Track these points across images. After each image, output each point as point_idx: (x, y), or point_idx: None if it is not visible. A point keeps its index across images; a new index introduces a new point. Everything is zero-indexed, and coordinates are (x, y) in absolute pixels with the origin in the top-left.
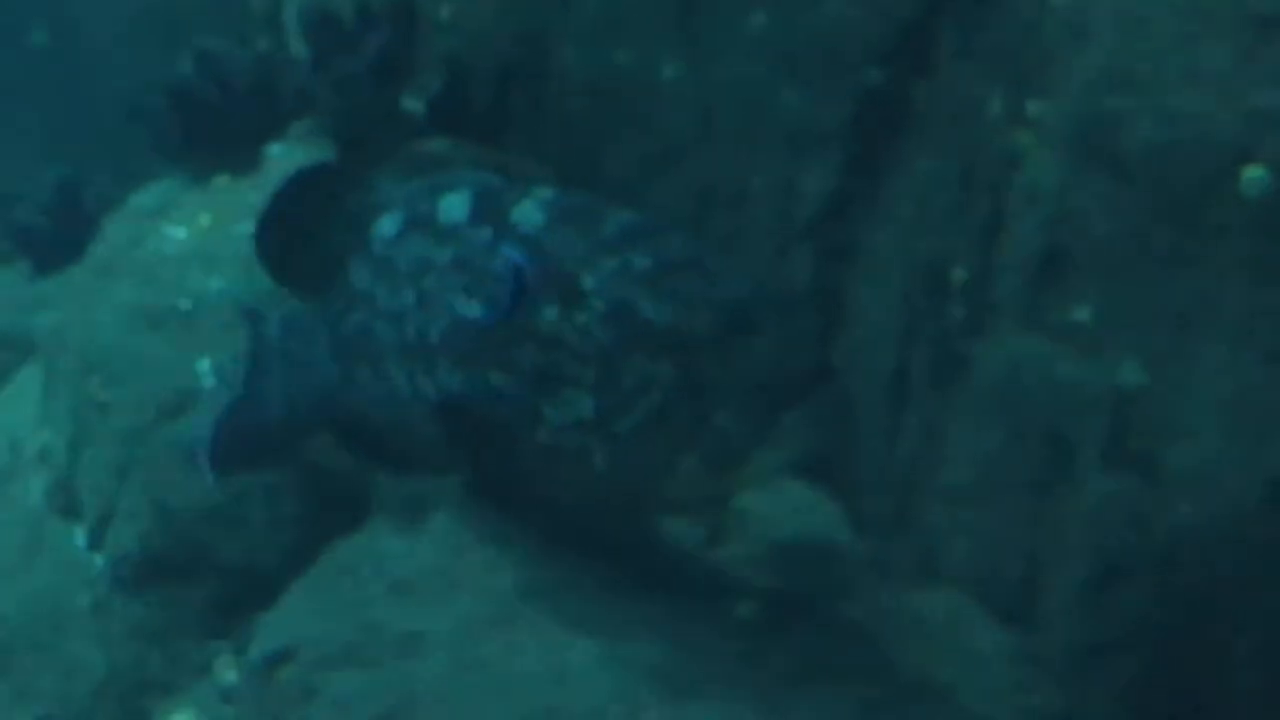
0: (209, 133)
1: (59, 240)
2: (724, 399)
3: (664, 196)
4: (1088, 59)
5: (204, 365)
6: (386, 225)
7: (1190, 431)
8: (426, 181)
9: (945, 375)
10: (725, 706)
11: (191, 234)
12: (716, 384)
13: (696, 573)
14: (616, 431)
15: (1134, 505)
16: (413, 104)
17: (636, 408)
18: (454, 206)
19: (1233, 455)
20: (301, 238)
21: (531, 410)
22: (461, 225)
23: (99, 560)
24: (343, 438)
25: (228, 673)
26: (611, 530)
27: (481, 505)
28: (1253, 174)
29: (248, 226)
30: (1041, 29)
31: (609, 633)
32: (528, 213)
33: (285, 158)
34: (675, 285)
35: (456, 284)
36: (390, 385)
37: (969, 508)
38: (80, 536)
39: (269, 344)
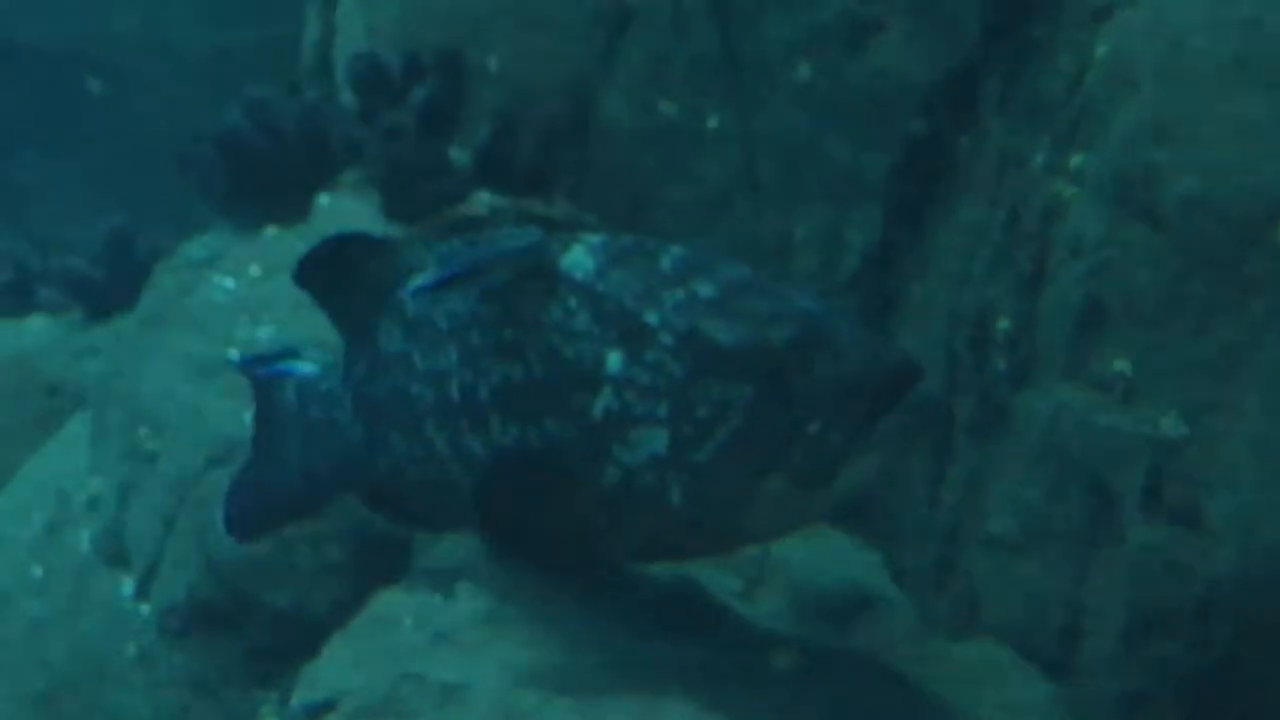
0: (257, 182)
1: (110, 289)
2: (815, 409)
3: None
4: (1129, 111)
5: (251, 416)
6: (419, 285)
7: (1229, 481)
8: (463, 240)
9: (987, 425)
10: None
11: (240, 284)
12: (804, 394)
13: (733, 623)
14: (695, 461)
15: (1174, 554)
16: (460, 155)
17: (715, 434)
18: None
19: (1271, 504)
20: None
21: (596, 455)
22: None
23: (145, 610)
24: (371, 502)
25: None
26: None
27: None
28: None
29: None
30: (1084, 81)
31: (646, 686)
32: (579, 259)
33: (334, 208)
34: (743, 307)
35: (506, 338)
36: (428, 448)
37: (1011, 557)
38: (128, 586)
39: (285, 408)
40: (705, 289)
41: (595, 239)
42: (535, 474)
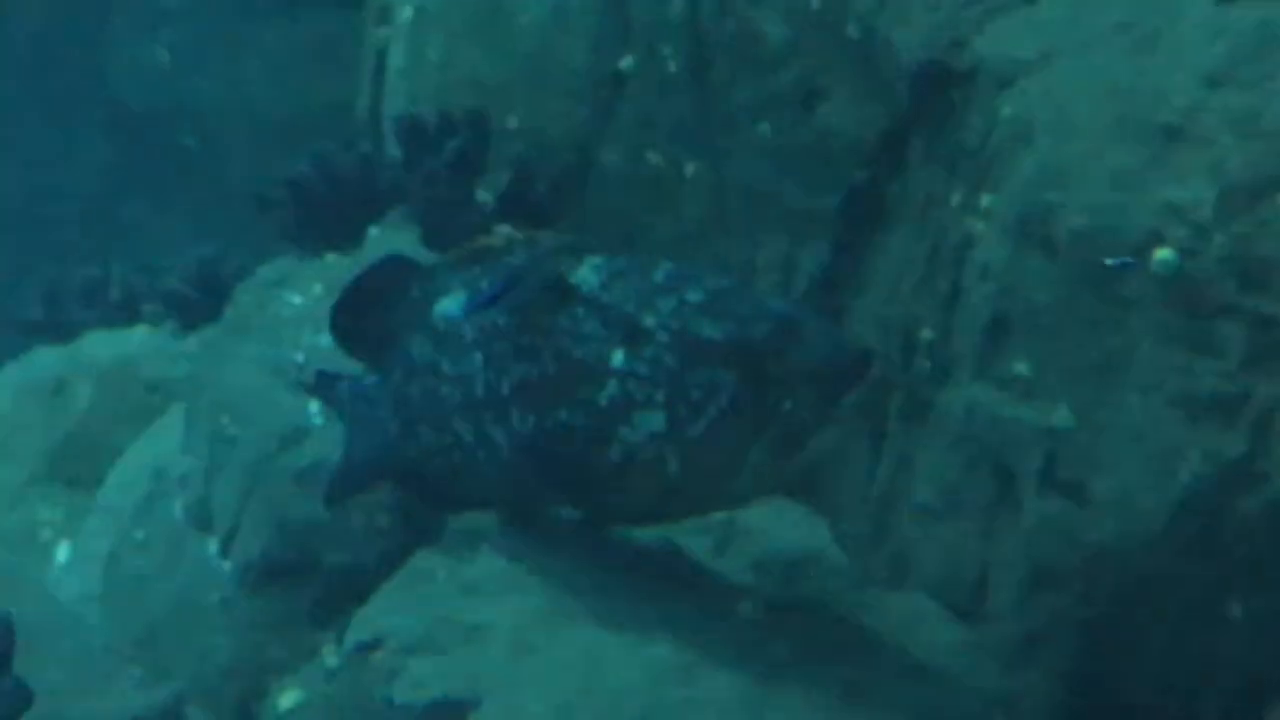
0: (320, 217)
1: (200, 304)
2: (788, 391)
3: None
4: (1028, 160)
5: (314, 407)
6: (449, 305)
7: (1110, 464)
8: (486, 266)
9: (915, 416)
10: (731, 683)
11: (306, 300)
12: (779, 379)
13: (706, 577)
14: (689, 435)
15: (1064, 524)
16: (485, 196)
17: (706, 412)
18: None
19: (1145, 484)
20: (371, 317)
21: (603, 435)
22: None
23: (227, 566)
24: (403, 485)
25: (330, 658)
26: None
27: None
28: (1162, 255)
29: None
30: (992, 137)
31: (635, 627)
32: (584, 276)
33: (382, 238)
34: (727, 308)
35: (524, 343)
36: (454, 438)
37: (933, 524)
38: (213, 546)
39: (341, 405)
40: (694, 295)
41: (598, 259)
42: (550, 455)
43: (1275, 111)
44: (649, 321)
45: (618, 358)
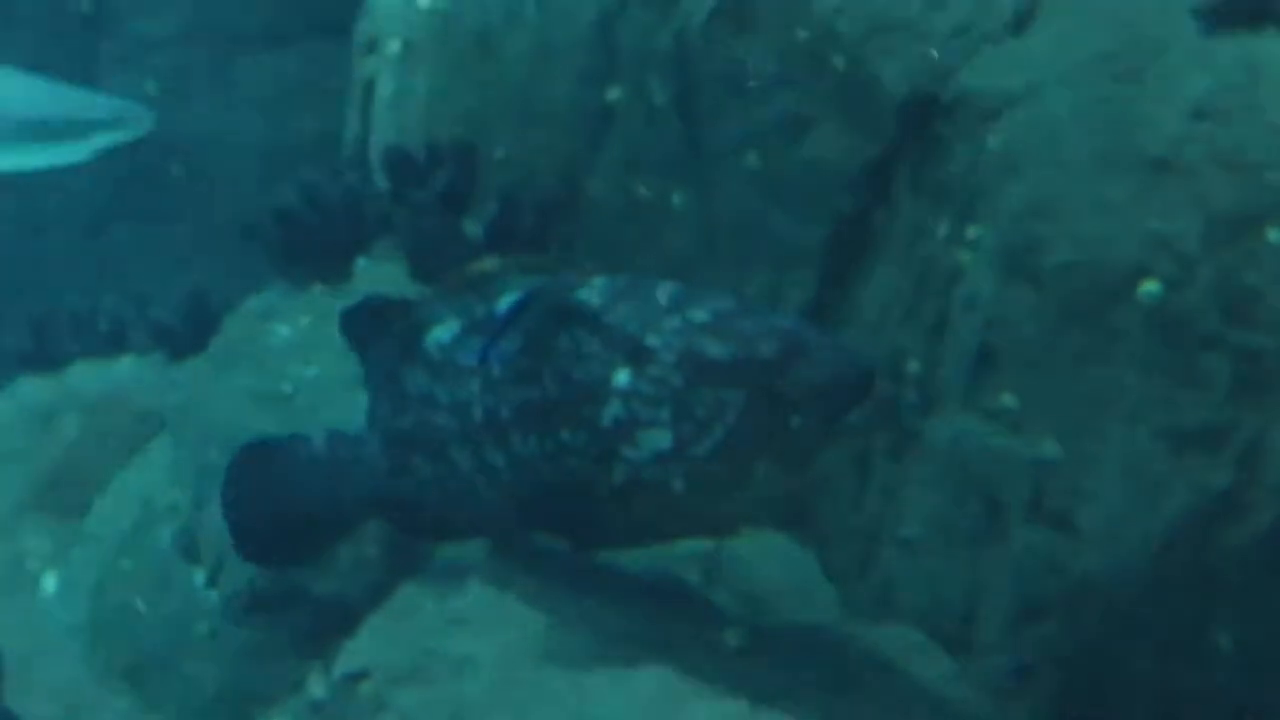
0: (308, 248)
1: (187, 335)
2: (796, 407)
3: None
4: (1015, 192)
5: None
6: (440, 334)
7: (1096, 495)
8: (478, 294)
9: (901, 447)
10: (718, 714)
11: (294, 331)
12: (787, 395)
13: (694, 607)
14: (695, 454)
15: (1051, 555)
16: (472, 227)
17: (713, 430)
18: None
19: (1130, 515)
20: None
21: (606, 455)
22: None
23: (215, 596)
24: (393, 519)
25: (317, 688)
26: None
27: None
28: (1148, 287)
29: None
30: (978, 168)
31: (622, 658)
32: (584, 298)
33: (370, 270)
34: (732, 327)
35: (525, 367)
36: (450, 467)
37: (919, 555)
38: (200, 577)
39: (315, 453)
40: (698, 315)
41: (599, 280)
42: (549, 479)
43: (1260, 144)
44: (653, 341)
45: (621, 378)
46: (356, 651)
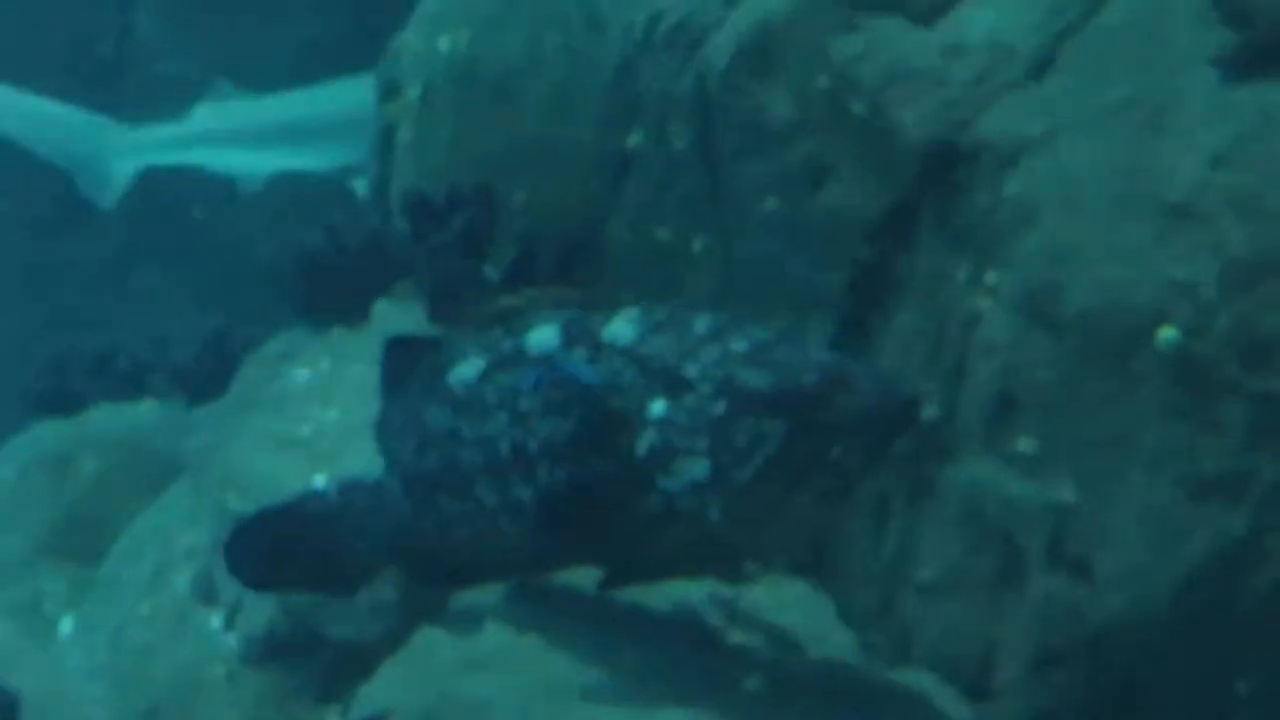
0: (328, 290)
1: (207, 379)
2: (838, 437)
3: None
4: (1033, 238)
5: (320, 481)
6: (465, 370)
7: (1116, 541)
8: (505, 328)
9: (920, 492)
10: None
11: (313, 374)
12: (829, 426)
13: (713, 651)
14: (734, 483)
15: (1070, 601)
16: (491, 271)
17: (753, 459)
18: (545, 338)
19: (1150, 560)
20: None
21: (640, 485)
22: (555, 352)
23: (232, 640)
24: (412, 567)
25: None
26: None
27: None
28: (1167, 334)
29: (359, 368)
30: (997, 214)
31: (641, 701)
32: (620, 330)
33: (389, 312)
34: (772, 358)
35: (554, 399)
36: (476, 504)
37: (937, 601)
38: (217, 620)
39: (327, 502)
40: (738, 345)
41: (633, 311)
42: (579, 507)
43: (1278, 192)
44: (691, 371)
45: (658, 407)
46: (374, 695)
